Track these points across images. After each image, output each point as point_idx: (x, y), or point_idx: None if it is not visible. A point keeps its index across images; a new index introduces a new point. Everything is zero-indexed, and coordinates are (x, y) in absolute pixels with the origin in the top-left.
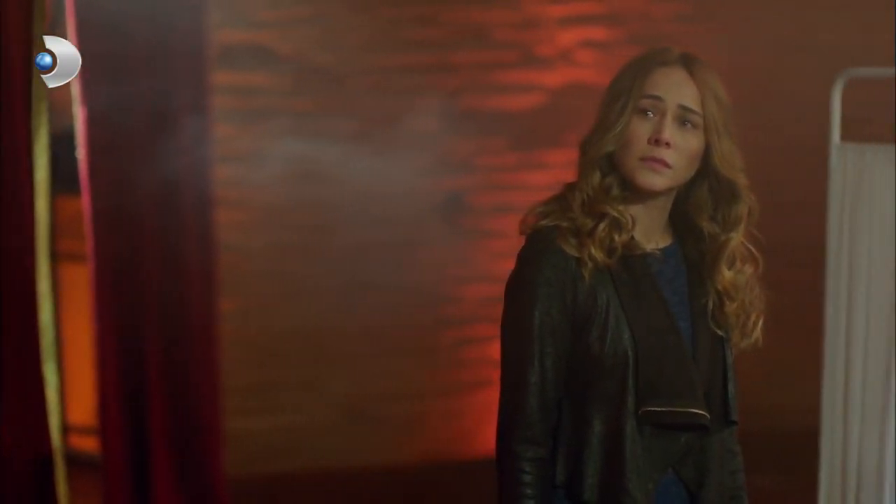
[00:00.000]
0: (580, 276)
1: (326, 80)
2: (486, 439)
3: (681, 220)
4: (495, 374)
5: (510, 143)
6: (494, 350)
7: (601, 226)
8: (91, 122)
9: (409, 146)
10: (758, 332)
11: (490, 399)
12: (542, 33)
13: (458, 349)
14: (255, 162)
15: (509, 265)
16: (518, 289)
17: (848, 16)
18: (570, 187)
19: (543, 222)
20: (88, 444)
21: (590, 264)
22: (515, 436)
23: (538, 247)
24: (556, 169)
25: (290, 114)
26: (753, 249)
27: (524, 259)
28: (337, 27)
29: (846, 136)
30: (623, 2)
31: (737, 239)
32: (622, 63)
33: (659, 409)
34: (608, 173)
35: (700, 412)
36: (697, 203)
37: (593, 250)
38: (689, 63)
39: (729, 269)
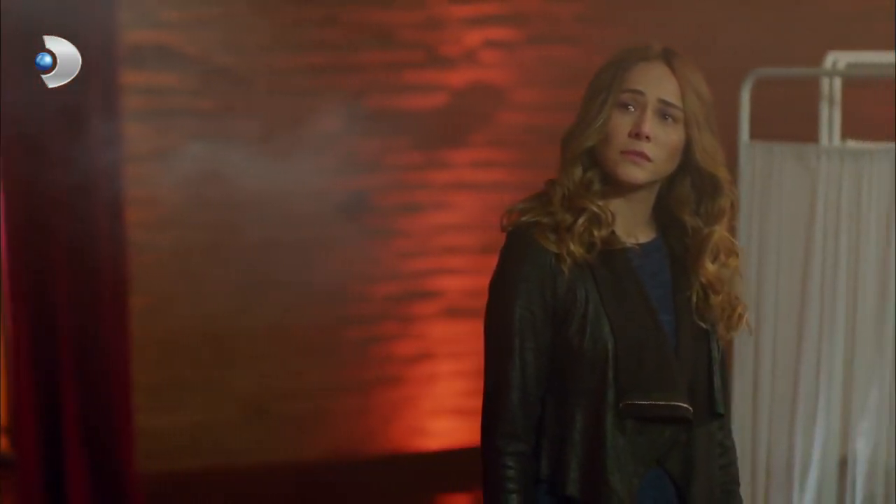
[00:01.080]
0: (559, 271)
1: (231, 81)
2: (390, 437)
3: (665, 214)
4: (400, 372)
5: (415, 142)
6: (400, 348)
7: (580, 221)
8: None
9: (314, 146)
10: (743, 325)
11: (395, 397)
12: (445, 33)
13: (364, 347)
14: (163, 162)
15: (414, 264)
16: (498, 285)
17: (753, 16)
18: (551, 183)
19: (524, 219)
20: (1, 444)
21: (569, 260)
22: (498, 431)
23: (517, 243)
24: (460, 168)
25: (196, 114)
26: (736, 243)
27: (504, 256)
28: (241, 28)
29: (755, 134)
30: (526, 2)
31: (720, 232)
32: (525, 63)
33: (639, 402)
34: (589, 168)
35: (682, 405)
36: (680, 197)
37: (572, 246)
38: (669, 58)
39: (713, 262)
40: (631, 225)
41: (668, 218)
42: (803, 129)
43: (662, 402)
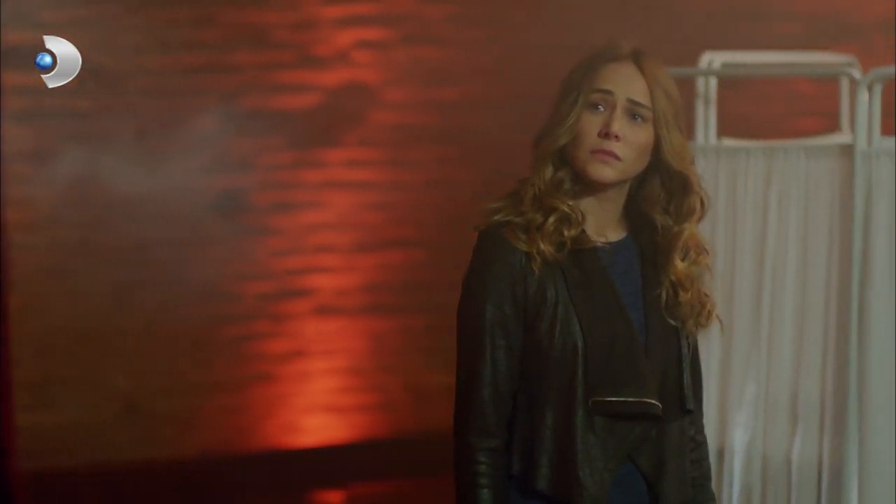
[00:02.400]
0: (530, 270)
1: (107, 81)
2: (264, 434)
3: (635, 213)
4: (273, 370)
5: (288, 142)
6: (273, 346)
7: (550, 220)
8: None
9: (189, 146)
10: (713, 322)
11: (269, 394)
12: (318, 34)
13: (237, 345)
14: (40, 162)
15: (288, 262)
16: (470, 284)
17: (629, 16)
18: (522, 182)
19: (495, 218)
20: None
21: (539, 259)
22: (470, 427)
23: (488, 243)
24: (333, 167)
25: (72, 114)
26: (705, 241)
27: (476, 255)
28: (117, 29)
29: None
30: (397, 3)
31: (689, 230)
32: (397, 63)
33: (609, 399)
34: (560, 167)
35: (651, 402)
36: (650, 196)
37: (542, 245)
38: (639, 58)
39: (683, 259)
40: (601, 224)
41: (638, 217)
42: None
43: (632, 399)
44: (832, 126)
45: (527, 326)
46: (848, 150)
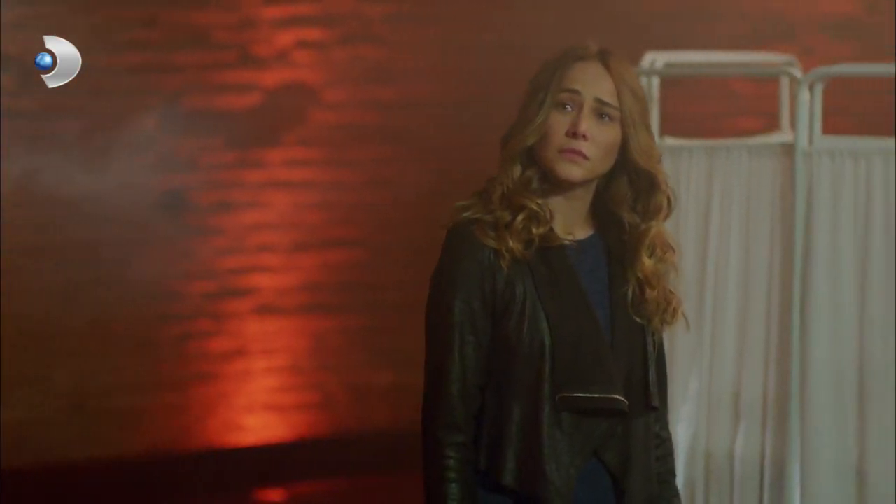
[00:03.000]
0: (498, 267)
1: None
2: (206, 433)
3: (602, 211)
4: (216, 369)
5: (229, 141)
6: (214, 345)
7: (519, 218)
8: None
9: (132, 145)
10: (678, 319)
11: (211, 393)
12: (258, 34)
13: (181, 344)
14: None
15: (229, 262)
16: (439, 280)
17: (571, 16)
18: (491, 181)
19: (464, 216)
20: None
21: (508, 256)
22: (438, 422)
23: (457, 240)
24: (274, 167)
25: (16, 114)
26: (672, 239)
27: (445, 252)
28: (60, 28)
29: None
30: (337, 3)
31: (656, 228)
32: (336, 62)
33: (576, 395)
34: (528, 166)
35: (617, 398)
36: (618, 195)
37: (511, 242)
38: (606, 58)
39: (650, 257)
40: (569, 222)
41: (605, 215)
42: None
43: (598, 396)
44: (770, 125)
45: (495, 323)
46: (789, 149)
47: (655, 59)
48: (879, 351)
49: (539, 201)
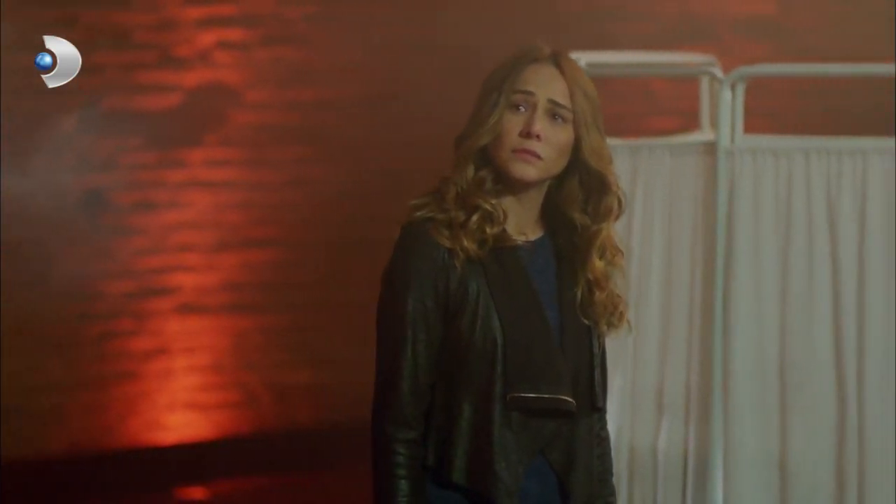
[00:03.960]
0: (452, 266)
1: None
2: (129, 431)
3: (554, 213)
4: (138, 368)
5: (150, 141)
6: (135, 344)
7: (473, 218)
8: None
9: (53, 146)
10: (625, 322)
11: (131, 392)
12: (179, 35)
13: (101, 343)
14: None
15: (150, 261)
16: (392, 278)
17: (490, 17)
18: (444, 181)
19: (418, 214)
20: None
21: (461, 255)
22: (388, 418)
23: (412, 238)
24: (194, 167)
25: None
26: (620, 242)
27: (399, 249)
28: None
29: None
30: (258, 3)
31: (607, 229)
32: (257, 63)
33: (526, 395)
34: (482, 167)
35: (566, 399)
36: (569, 196)
37: (465, 242)
38: (558, 59)
39: (600, 258)
40: (522, 222)
41: (556, 216)
42: None
43: (548, 396)
44: (688, 124)
45: (447, 321)
46: (711, 148)
47: (579, 58)
48: (800, 345)
49: (493, 201)
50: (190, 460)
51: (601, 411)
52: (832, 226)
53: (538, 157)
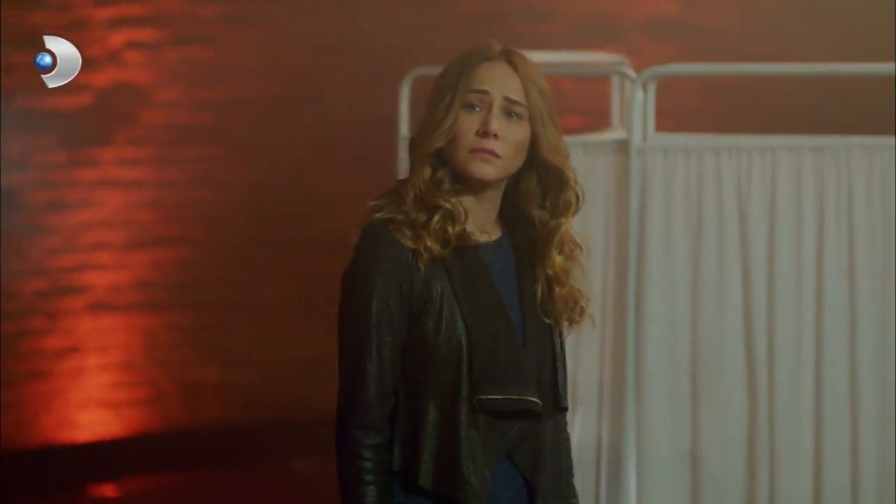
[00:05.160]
0: (416, 267)
1: None
2: (41, 429)
3: (511, 211)
4: (50, 366)
5: (61, 141)
6: (48, 343)
7: (435, 218)
8: None
9: None
10: (585, 318)
11: (44, 390)
12: (90, 35)
13: (15, 342)
14: None
15: (62, 260)
16: (355, 280)
17: (410, 16)
18: (401, 183)
19: (378, 215)
20: None
21: (425, 256)
22: (354, 422)
23: (374, 239)
24: (105, 166)
25: None
26: (579, 237)
27: (361, 251)
28: None
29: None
30: (168, 4)
31: (566, 224)
32: (167, 63)
33: (492, 396)
34: (439, 168)
35: (533, 399)
36: (526, 192)
37: (429, 242)
38: (511, 57)
39: (559, 254)
40: (482, 222)
41: (514, 214)
42: None
43: (515, 397)
44: (597, 123)
45: (412, 323)
46: (624, 147)
47: None
48: (711, 340)
49: (453, 200)
50: (101, 458)
51: (565, 411)
52: (742, 223)
53: (496, 155)
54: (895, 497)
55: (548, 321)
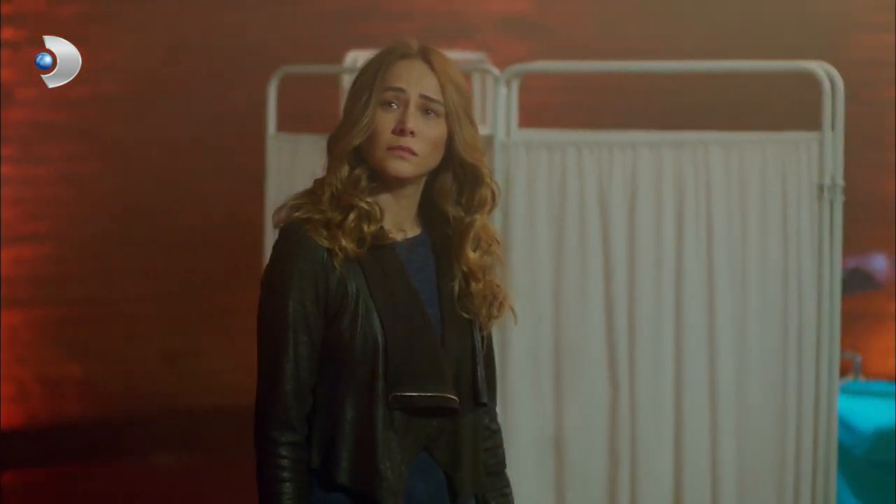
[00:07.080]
0: (331, 266)
1: None
2: None
3: (429, 208)
4: None
5: None
6: None
7: (350, 217)
8: None
9: None
10: (505, 312)
11: None
12: None
13: None
14: None
15: None
16: (272, 280)
17: (267, 16)
18: (319, 182)
19: (296, 215)
20: None
21: (340, 255)
22: (271, 421)
23: (291, 239)
24: None
25: None
26: (496, 233)
27: (278, 251)
28: None
29: (282, 127)
30: (29, 2)
31: (481, 221)
32: (29, 61)
33: (409, 394)
34: (356, 166)
35: (450, 396)
36: (443, 190)
37: (343, 241)
38: (428, 55)
39: (474, 250)
40: (399, 220)
41: (432, 212)
42: (327, 123)
43: (431, 394)
44: None
45: (328, 322)
46: (487, 142)
47: (357, 56)
48: (572, 330)
49: (369, 199)
50: None
51: (486, 406)
52: (604, 217)
53: (413, 153)
54: (753, 484)
55: (467, 317)
